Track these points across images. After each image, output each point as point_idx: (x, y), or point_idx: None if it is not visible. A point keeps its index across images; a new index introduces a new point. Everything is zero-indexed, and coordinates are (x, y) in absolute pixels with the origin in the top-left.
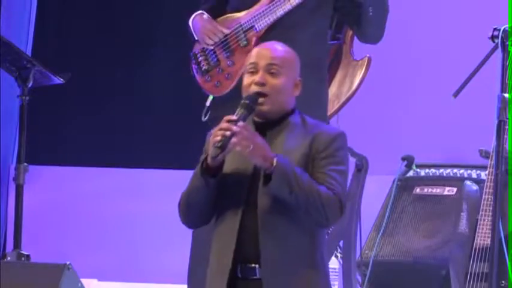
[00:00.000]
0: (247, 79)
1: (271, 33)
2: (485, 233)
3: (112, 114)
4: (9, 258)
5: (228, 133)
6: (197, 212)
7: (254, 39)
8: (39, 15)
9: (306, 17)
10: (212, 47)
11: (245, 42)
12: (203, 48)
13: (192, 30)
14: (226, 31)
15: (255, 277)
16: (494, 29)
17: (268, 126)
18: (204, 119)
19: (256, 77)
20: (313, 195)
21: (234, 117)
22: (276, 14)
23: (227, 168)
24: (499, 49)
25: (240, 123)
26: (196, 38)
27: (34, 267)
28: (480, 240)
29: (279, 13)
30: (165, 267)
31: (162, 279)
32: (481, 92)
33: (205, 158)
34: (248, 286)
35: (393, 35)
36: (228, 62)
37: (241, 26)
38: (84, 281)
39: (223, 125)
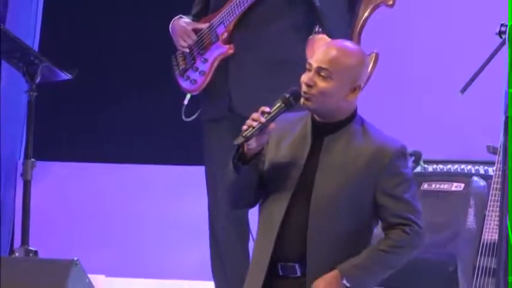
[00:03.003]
0: (303, 77)
1: (240, 27)
2: (492, 228)
3: (120, 110)
4: (17, 254)
5: (254, 124)
6: (237, 193)
7: (225, 34)
8: (46, 10)
9: (276, 11)
10: (188, 50)
11: (215, 39)
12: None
13: (171, 33)
14: (203, 26)
15: (295, 275)
16: (502, 25)
17: (327, 130)
18: (185, 118)
19: (306, 77)
20: (392, 261)
21: (267, 109)
22: (242, 7)
23: (279, 157)
24: (507, 45)
25: None
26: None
27: (42, 263)
28: (488, 235)
29: (244, 6)
30: (173, 263)
31: (170, 276)
32: (489, 87)
33: (238, 148)
34: (288, 284)
35: (400, 31)
36: (202, 59)
37: (212, 24)
38: (91, 277)
39: (254, 115)
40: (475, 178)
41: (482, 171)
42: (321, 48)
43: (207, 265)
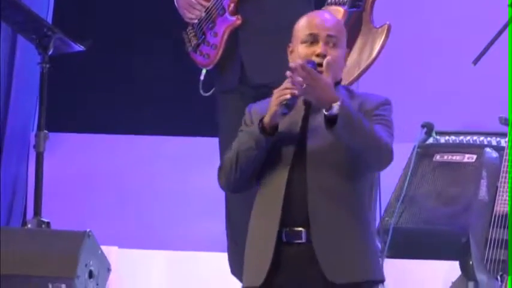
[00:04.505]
0: (305, 50)
1: None
2: (505, 200)
3: (132, 82)
4: (29, 225)
5: (296, 91)
6: (246, 173)
7: (232, 5)
8: None
9: None
10: (196, 21)
11: (222, 11)
12: (192, 25)
13: (177, 6)
14: (205, 3)
15: (300, 241)
16: None
17: None
18: (204, 93)
19: (318, 49)
20: (374, 138)
21: (299, 78)
22: None
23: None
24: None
25: (299, 62)
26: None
27: (54, 235)
28: (500, 207)
29: None
30: (186, 234)
31: (183, 247)
32: (501, 59)
33: (261, 120)
34: (293, 250)
35: (413, 3)
36: (212, 33)
37: None
38: (104, 248)
39: (288, 84)
40: (488, 149)
41: (494, 143)
42: (317, 18)
43: (221, 236)
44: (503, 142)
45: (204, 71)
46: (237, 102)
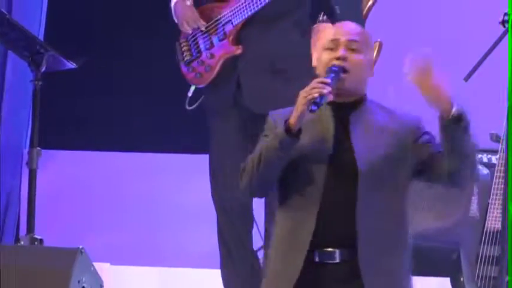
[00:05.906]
0: (326, 55)
1: (249, 26)
2: (496, 216)
3: (125, 99)
4: (22, 242)
5: (325, 91)
6: (265, 175)
7: (233, 33)
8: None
9: (284, 8)
10: (190, 31)
11: (222, 36)
12: (187, 37)
13: (173, 13)
14: (204, 23)
15: (333, 261)
16: (505, 14)
17: (347, 109)
18: (188, 107)
19: (338, 53)
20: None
21: (327, 79)
22: (253, 9)
23: (304, 145)
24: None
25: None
26: (176, 22)
27: (47, 252)
28: (491, 223)
29: (256, 8)
30: (179, 251)
31: (175, 264)
32: (492, 75)
33: (286, 121)
34: (327, 270)
35: (404, 20)
36: (208, 54)
37: (219, 19)
38: (96, 265)
39: (317, 84)
40: (479, 166)
41: (485, 160)
42: (341, 26)
43: (214, 253)
44: (494, 159)
45: (192, 88)
46: (229, 123)
